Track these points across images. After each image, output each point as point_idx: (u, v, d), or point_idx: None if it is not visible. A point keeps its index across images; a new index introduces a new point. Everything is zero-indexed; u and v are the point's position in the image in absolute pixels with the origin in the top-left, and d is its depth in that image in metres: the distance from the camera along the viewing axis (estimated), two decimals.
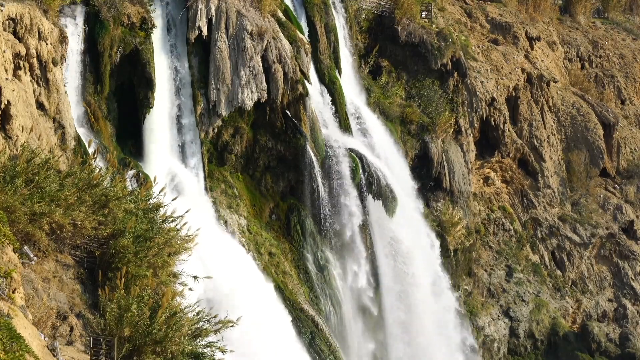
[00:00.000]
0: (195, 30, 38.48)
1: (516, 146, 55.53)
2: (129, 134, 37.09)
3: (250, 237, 39.80)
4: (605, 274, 57.67)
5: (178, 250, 22.11)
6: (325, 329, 39.78)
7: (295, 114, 41.31)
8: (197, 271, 23.28)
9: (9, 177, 19.94)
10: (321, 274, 41.80)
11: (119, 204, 21.46)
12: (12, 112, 27.34)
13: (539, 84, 58.34)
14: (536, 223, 56.42)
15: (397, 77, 51.09)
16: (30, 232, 19.62)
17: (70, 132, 31.86)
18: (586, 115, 60.33)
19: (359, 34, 50.51)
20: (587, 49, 66.68)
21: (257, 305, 34.60)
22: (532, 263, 55.17)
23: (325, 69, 45.18)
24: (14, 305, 16.13)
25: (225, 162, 40.60)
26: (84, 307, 20.16)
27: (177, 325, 19.20)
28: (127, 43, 36.22)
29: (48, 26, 31.03)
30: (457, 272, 50.13)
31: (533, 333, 52.63)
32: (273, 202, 41.98)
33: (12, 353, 13.94)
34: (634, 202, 60.33)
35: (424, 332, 45.88)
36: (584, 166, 58.95)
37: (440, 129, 50.01)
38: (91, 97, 35.41)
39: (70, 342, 18.80)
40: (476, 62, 54.60)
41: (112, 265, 20.67)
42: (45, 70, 30.94)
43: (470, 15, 60.42)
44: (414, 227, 46.56)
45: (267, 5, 41.04)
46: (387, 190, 43.98)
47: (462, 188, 50.62)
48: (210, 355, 20.15)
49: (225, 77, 39.12)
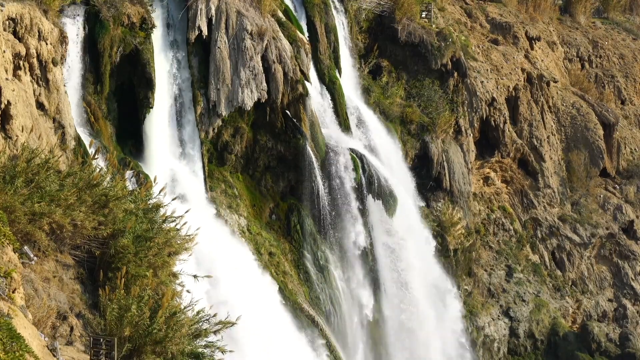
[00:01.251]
0: (195, 30, 38.48)
1: (516, 146, 55.54)
2: (129, 134, 37.08)
3: (250, 237, 39.81)
4: (605, 274, 57.67)
5: (178, 250, 22.12)
6: (325, 329, 39.78)
7: (295, 114, 41.31)
8: (197, 271, 23.29)
9: (9, 177, 19.94)
10: (321, 274, 41.80)
11: (119, 204, 21.46)
12: (12, 112, 27.33)
13: (539, 84, 58.34)
14: (536, 223, 56.42)
15: (397, 77, 51.09)
16: (30, 232, 19.62)
17: (70, 132, 31.86)
18: (586, 115, 60.33)
19: (359, 34, 50.51)
20: (587, 49, 66.68)
21: (258, 306, 34.61)
22: (532, 263, 55.17)
23: (325, 69, 45.18)
24: (14, 305, 16.13)
25: (225, 162, 40.59)
26: (84, 307, 20.16)
27: (177, 325, 19.20)
28: (127, 43, 36.21)
29: (48, 26, 31.02)
30: (457, 272, 50.13)
31: (533, 333, 52.63)
32: (273, 202, 41.98)
33: (12, 353, 13.94)
34: (634, 202, 60.33)
35: (423, 333, 45.88)
36: (584, 166, 58.96)
37: (440, 129, 50.01)
38: (91, 97, 35.40)
39: (70, 342, 18.80)
40: (476, 62, 54.61)
41: (112, 265, 20.67)
42: (45, 70, 30.94)
43: (470, 15, 60.42)
44: (414, 227, 46.56)
45: (267, 5, 41.04)
46: (387, 190, 43.98)
47: (462, 188, 50.62)
48: (210, 355, 20.16)
49: (225, 77, 39.12)
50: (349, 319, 42.39)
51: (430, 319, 46.26)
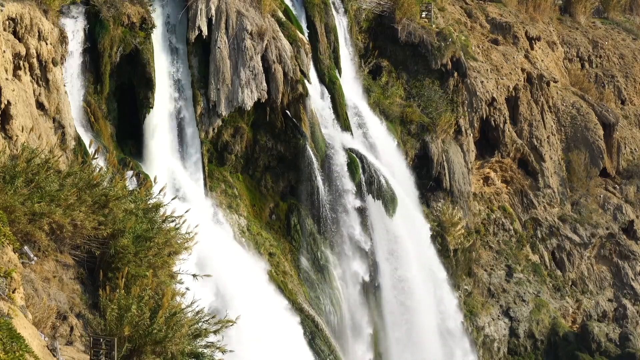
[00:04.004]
0: (195, 30, 38.48)
1: (516, 146, 55.54)
2: (129, 134, 37.09)
3: (250, 237, 39.82)
4: (605, 274, 57.68)
5: (178, 250, 22.11)
6: (325, 329, 39.79)
7: (295, 114, 41.32)
8: (196, 271, 23.28)
9: (9, 177, 19.92)
10: (321, 274, 41.81)
11: (119, 204, 21.44)
12: (12, 112, 27.35)
13: (539, 84, 58.34)
14: (536, 223, 56.42)
15: (397, 77, 51.10)
16: (30, 232, 19.60)
17: (70, 132, 31.86)
18: (586, 115, 60.34)
19: (359, 34, 50.51)
20: (587, 49, 66.67)
21: (259, 306, 34.62)
22: (532, 263, 55.17)
23: (325, 69, 45.18)
24: (14, 305, 16.12)
25: (225, 162, 40.60)
26: (84, 307, 20.16)
27: (177, 326, 19.19)
28: (127, 43, 36.22)
29: (48, 26, 31.03)
30: (457, 272, 50.14)
31: (533, 333, 52.63)
32: (273, 202, 41.99)
33: (12, 353, 13.93)
34: (634, 202, 60.34)
35: (423, 332, 45.88)
36: (584, 166, 58.95)
37: (440, 129, 50.01)
38: (91, 97, 35.40)
39: (70, 342, 18.79)
40: (476, 62, 54.60)
41: (112, 265, 20.66)
42: (45, 70, 30.94)
43: (470, 15, 60.41)
44: (414, 227, 46.55)
45: (267, 5, 41.04)
46: (387, 190, 43.98)
47: (462, 188, 50.62)
48: (210, 355, 20.15)
49: (225, 77, 39.12)
50: (349, 319, 42.40)
51: (431, 318, 46.27)
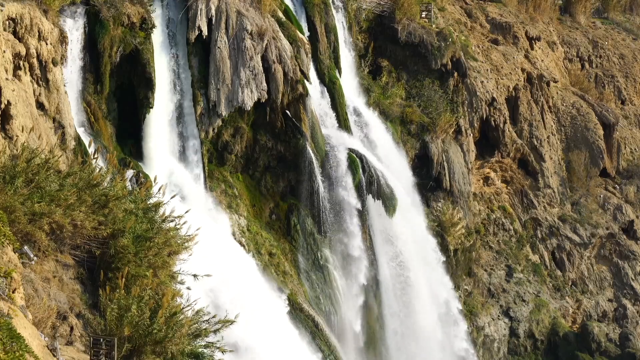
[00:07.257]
0: (195, 30, 38.47)
1: (516, 146, 55.53)
2: (129, 134, 37.08)
3: (250, 237, 39.82)
4: (605, 274, 57.68)
5: (178, 250, 22.13)
6: (325, 329, 39.79)
7: (295, 114, 41.32)
8: (196, 271, 23.28)
9: (9, 177, 19.94)
10: (321, 274, 41.81)
11: (119, 204, 21.47)
12: (12, 112, 27.33)
13: (539, 84, 58.33)
14: (536, 223, 56.42)
15: (397, 77, 51.08)
16: (30, 232, 19.62)
17: (70, 132, 31.86)
18: (586, 115, 60.33)
19: (359, 34, 50.51)
20: (587, 49, 66.67)
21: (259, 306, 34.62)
22: (532, 263, 55.17)
23: (325, 69, 45.18)
24: (14, 305, 16.13)
25: (225, 162, 40.61)
26: (84, 307, 20.16)
27: (177, 325, 19.20)
28: (127, 43, 36.20)
29: (48, 26, 31.02)
30: (457, 272, 50.13)
31: (533, 333, 52.64)
32: (273, 202, 41.99)
33: (12, 353, 13.94)
34: (634, 202, 60.34)
35: (424, 332, 45.88)
36: (584, 166, 58.95)
37: (440, 129, 50.00)
38: (91, 97, 35.40)
39: (70, 342, 18.80)
40: (476, 62, 54.60)
41: (112, 265, 20.68)
42: (45, 70, 30.93)
43: (470, 15, 60.40)
44: (414, 227, 46.55)
45: (267, 5, 41.04)
46: (387, 190, 43.97)
47: (462, 188, 50.62)
48: (210, 355, 20.17)
49: (225, 77, 39.12)
50: (349, 319, 42.39)
51: (431, 319, 46.26)
